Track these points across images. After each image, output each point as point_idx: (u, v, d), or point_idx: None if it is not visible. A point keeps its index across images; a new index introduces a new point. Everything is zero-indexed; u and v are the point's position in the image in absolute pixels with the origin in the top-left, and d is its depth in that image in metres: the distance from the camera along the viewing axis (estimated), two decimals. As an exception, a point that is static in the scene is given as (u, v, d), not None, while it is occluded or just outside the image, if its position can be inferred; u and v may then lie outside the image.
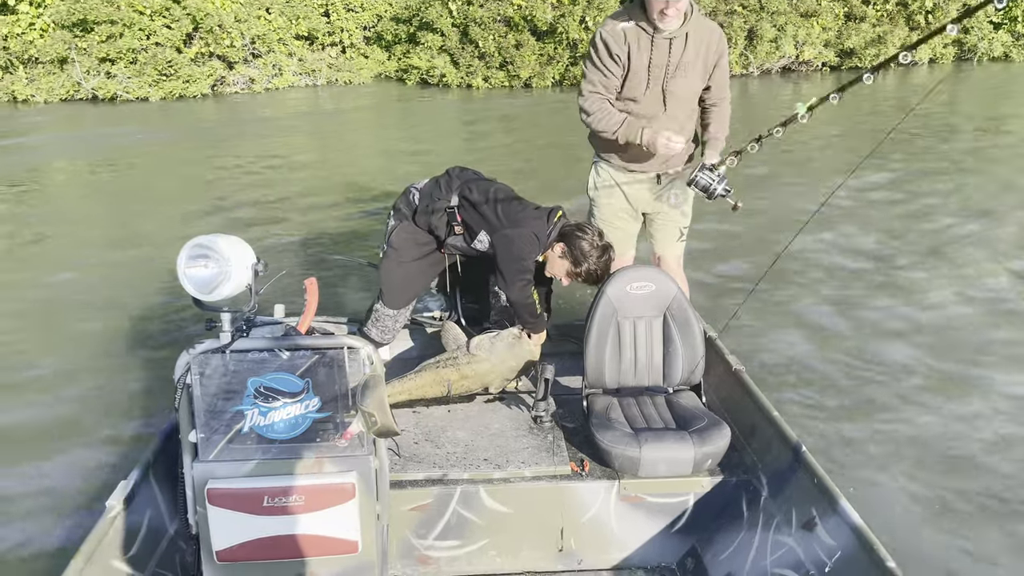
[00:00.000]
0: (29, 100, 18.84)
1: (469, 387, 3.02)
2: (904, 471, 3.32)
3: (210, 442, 2.03)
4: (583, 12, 17.94)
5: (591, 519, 2.57)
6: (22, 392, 4.32)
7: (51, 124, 15.73)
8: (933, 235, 6.43)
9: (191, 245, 1.90)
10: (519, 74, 18.69)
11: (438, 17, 19.27)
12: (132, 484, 2.26)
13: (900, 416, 3.75)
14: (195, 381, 1.98)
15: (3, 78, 19.25)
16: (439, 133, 13.06)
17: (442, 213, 3.08)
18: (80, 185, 10.29)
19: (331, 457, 2.06)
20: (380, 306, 3.26)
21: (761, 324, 4.78)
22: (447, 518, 2.53)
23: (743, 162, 2.87)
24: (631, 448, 2.48)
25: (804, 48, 18.94)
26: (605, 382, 2.90)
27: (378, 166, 10.23)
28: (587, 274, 3.03)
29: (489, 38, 18.64)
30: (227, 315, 1.99)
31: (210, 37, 18.74)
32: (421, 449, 2.71)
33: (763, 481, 2.52)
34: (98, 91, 18.42)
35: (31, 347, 4.90)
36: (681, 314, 2.89)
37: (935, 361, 4.29)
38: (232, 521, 2.03)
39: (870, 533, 2.01)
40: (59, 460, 3.61)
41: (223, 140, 12.76)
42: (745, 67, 18.89)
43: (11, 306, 5.61)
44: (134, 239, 7.27)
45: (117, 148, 12.29)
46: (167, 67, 18.29)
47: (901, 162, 9.15)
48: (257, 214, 7.95)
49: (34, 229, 7.78)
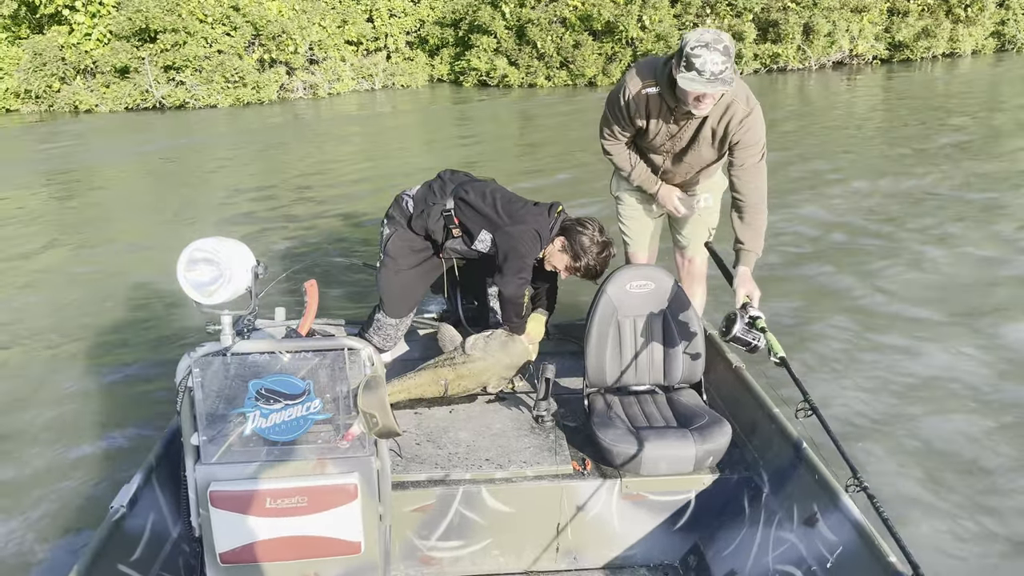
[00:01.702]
0: (93, 110, 19.09)
1: (466, 386, 3.02)
2: (908, 466, 3.32)
3: (212, 445, 2.04)
4: (640, 11, 18.69)
5: (593, 518, 2.58)
6: (24, 395, 4.33)
7: (107, 131, 16.00)
8: (939, 220, 6.45)
9: (191, 249, 1.90)
10: (583, 73, 19.35)
11: (490, 20, 19.96)
12: (135, 487, 2.26)
13: (904, 413, 3.75)
14: (197, 384, 1.99)
15: (59, 89, 19.57)
16: (495, 134, 13.41)
17: (439, 217, 3.05)
18: (109, 189, 10.47)
19: (333, 458, 2.07)
20: (381, 316, 3.23)
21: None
22: (450, 518, 2.53)
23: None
24: (632, 446, 2.49)
25: (857, 42, 19.66)
26: (606, 381, 2.90)
27: (425, 166, 10.39)
28: (586, 269, 3.03)
29: (548, 39, 19.33)
30: (227, 318, 1.99)
31: (271, 44, 19.05)
32: (423, 450, 2.71)
33: (764, 478, 2.52)
34: (167, 99, 18.68)
35: (33, 351, 4.91)
36: (681, 312, 2.89)
37: (939, 358, 4.29)
38: (235, 523, 2.03)
39: (871, 528, 2.02)
40: (62, 464, 3.62)
41: (272, 145, 13.05)
42: (802, 62, 19.73)
43: (12, 305, 5.63)
44: (145, 241, 7.33)
45: (149, 154, 12.57)
46: (234, 74, 18.57)
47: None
48: (285, 214, 8.02)
49: (53, 233, 7.86)
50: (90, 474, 3.52)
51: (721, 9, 19.44)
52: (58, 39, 19.30)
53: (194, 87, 18.44)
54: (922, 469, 3.30)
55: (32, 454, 3.73)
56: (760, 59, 19.68)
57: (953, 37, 20.30)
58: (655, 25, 18.94)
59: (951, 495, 3.13)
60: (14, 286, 6.26)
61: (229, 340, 1.97)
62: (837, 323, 4.76)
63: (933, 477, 3.25)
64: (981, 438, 3.51)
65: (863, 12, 19.62)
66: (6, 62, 20.33)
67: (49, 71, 19.38)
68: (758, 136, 2.80)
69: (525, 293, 2.99)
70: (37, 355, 4.86)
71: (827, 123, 12.09)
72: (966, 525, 2.96)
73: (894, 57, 20.24)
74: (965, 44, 20.50)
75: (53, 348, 4.95)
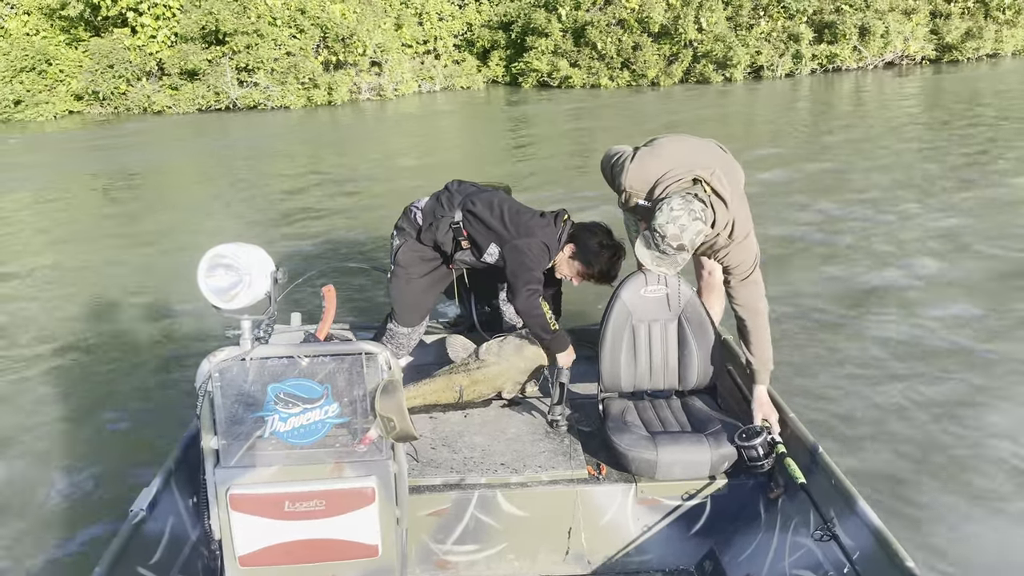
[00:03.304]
0: (165, 111, 19.59)
1: (481, 391, 3.03)
2: (922, 472, 3.30)
3: (231, 448, 2.06)
4: (696, 13, 19.40)
5: (608, 522, 2.58)
6: (42, 398, 4.38)
7: (182, 131, 16.53)
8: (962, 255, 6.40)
9: (211, 254, 1.93)
10: (646, 73, 20.05)
11: (546, 23, 20.69)
12: (155, 491, 2.28)
13: (919, 418, 3.73)
14: (216, 388, 2.01)
15: (125, 91, 20.12)
16: (549, 134, 13.67)
17: (447, 229, 3.04)
18: (144, 191, 10.73)
19: (351, 462, 2.08)
20: (393, 325, 3.23)
21: (777, 328, 4.76)
22: (465, 522, 2.54)
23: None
24: (648, 451, 2.49)
25: (910, 43, 20.40)
26: (621, 386, 2.91)
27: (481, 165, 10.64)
28: (599, 274, 3.03)
29: (608, 40, 20.05)
30: (247, 323, 2.01)
31: (338, 46, 19.52)
32: (438, 454, 2.72)
33: (780, 483, 2.51)
34: (241, 100, 19.19)
35: (54, 352, 4.97)
36: (696, 317, 2.89)
37: (958, 367, 4.26)
38: (254, 526, 2.05)
39: (889, 534, 2.01)
40: (82, 468, 3.66)
41: (333, 144, 13.64)
42: (858, 62, 20.45)
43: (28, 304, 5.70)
44: (169, 245, 7.44)
45: (217, 153, 13.12)
46: (306, 76, 19.11)
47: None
48: (313, 218, 8.16)
49: (95, 232, 8.08)
50: (110, 477, 3.56)
51: (774, 12, 20.04)
52: (123, 41, 19.81)
53: (268, 88, 18.97)
54: (940, 470, 3.29)
55: (52, 457, 3.77)
56: (817, 59, 20.36)
57: (998, 38, 20.85)
58: (711, 26, 19.59)
59: (972, 498, 3.11)
60: (50, 284, 6.39)
61: (248, 345, 2.00)
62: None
63: (949, 479, 3.23)
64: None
65: (911, 14, 20.39)
66: (66, 64, 20.80)
67: (117, 73, 19.90)
68: (742, 259, 2.73)
69: (541, 304, 2.93)
70: (58, 357, 4.92)
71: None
72: (987, 530, 2.94)
73: (943, 58, 20.85)
74: (1007, 45, 21.14)
75: (72, 349, 5.01)
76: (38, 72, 20.72)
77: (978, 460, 3.38)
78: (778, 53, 20.08)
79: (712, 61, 19.73)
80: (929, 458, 3.41)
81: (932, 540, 2.90)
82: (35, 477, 3.63)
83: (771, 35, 20.09)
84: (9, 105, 20.19)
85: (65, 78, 20.89)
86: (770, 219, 6.96)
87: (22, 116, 20.24)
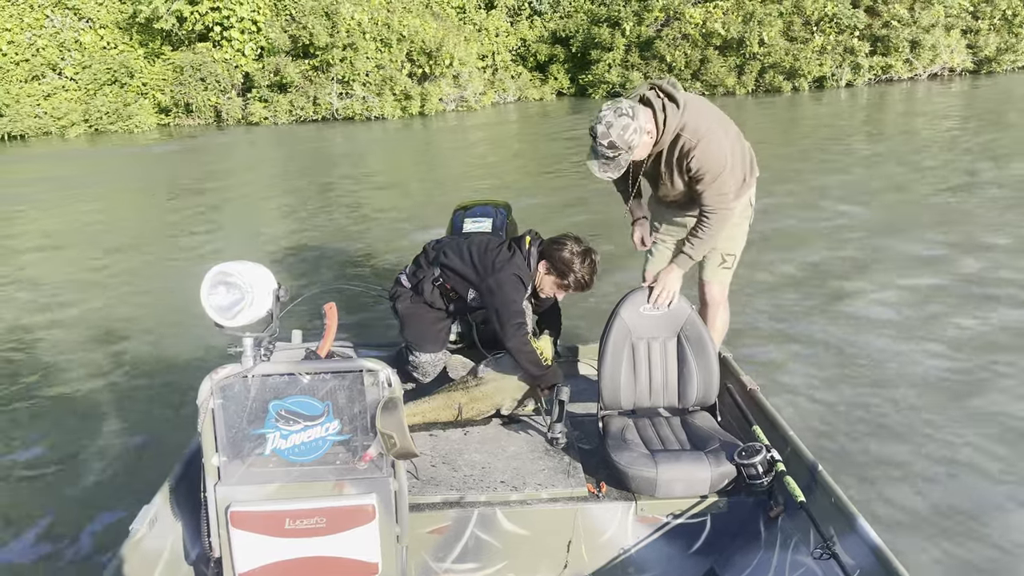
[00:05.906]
0: (262, 122, 20.11)
1: (480, 409, 3.04)
2: (922, 491, 3.30)
3: (232, 465, 2.06)
4: (759, 29, 20.94)
5: (608, 540, 2.58)
6: (44, 417, 4.38)
7: (273, 141, 17.02)
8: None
9: (214, 272, 1.95)
10: (721, 82, 21.51)
11: (609, 38, 22.16)
12: (155, 508, 2.29)
13: (918, 436, 3.73)
14: (217, 405, 2.02)
15: (217, 102, 20.65)
16: None
17: (432, 287, 3.14)
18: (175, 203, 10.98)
19: (351, 479, 2.09)
20: (417, 355, 3.26)
21: (776, 343, 4.78)
22: (465, 540, 2.54)
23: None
24: (648, 469, 2.49)
25: (954, 55, 21.93)
26: (620, 403, 2.91)
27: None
28: (576, 283, 3.06)
29: (676, 53, 21.57)
30: (249, 340, 2.02)
31: (423, 59, 20.33)
32: (438, 472, 2.72)
33: (780, 501, 2.51)
34: (340, 112, 19.95)
35: (56, 366, 4.97)
36: (695, 334, 2.90)
37: (959, 385, 4.27)
38: (254, 544, 2.05)
39: (889, 553, 2.01)
40: (82, 485, 3.66)
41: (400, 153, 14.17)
42: (909, 72, 22.02)
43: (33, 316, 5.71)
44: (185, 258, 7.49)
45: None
46: (399, 87, 19.89)
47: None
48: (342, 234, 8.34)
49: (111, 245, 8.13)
50: (109, 495, 3.55)
51: (826, 27, 21.43)
52: (212, 54, 20.28)
53: (367, 99, 19.72)
54: (941, 490, 3.28)
55: (52, 473, 3.77)
56: (873, 70, 22.12)
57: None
58: (771, 40, 21.02)
59: (972, 518, 3.10)
60: (56, 294, 6.41)
61: (250, 362, 2.01)
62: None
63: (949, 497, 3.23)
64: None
65: (950, 30, 21.86)
66: (149, 77, 21.21)
67: (208, 85, 20.36)
68: (709, 165, 2.83)
69: (529, 340, 2.98)
70: (60, 370, 4.92)
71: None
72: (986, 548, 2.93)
73: (982, 69, 22.26)
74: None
75: (77, 363, 5.02)
76: (120, 85, 21.11)
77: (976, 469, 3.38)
78: (837, 64, 21.71)
79: (779, 72, 21.49)
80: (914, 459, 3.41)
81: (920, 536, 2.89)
82: (34, 494, 3.62)
83: (826, 48, 21.66)
84: (102, 117, 20.58)
85: (149, 91, 21.23)
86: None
87: (116, 128, 20.59)
